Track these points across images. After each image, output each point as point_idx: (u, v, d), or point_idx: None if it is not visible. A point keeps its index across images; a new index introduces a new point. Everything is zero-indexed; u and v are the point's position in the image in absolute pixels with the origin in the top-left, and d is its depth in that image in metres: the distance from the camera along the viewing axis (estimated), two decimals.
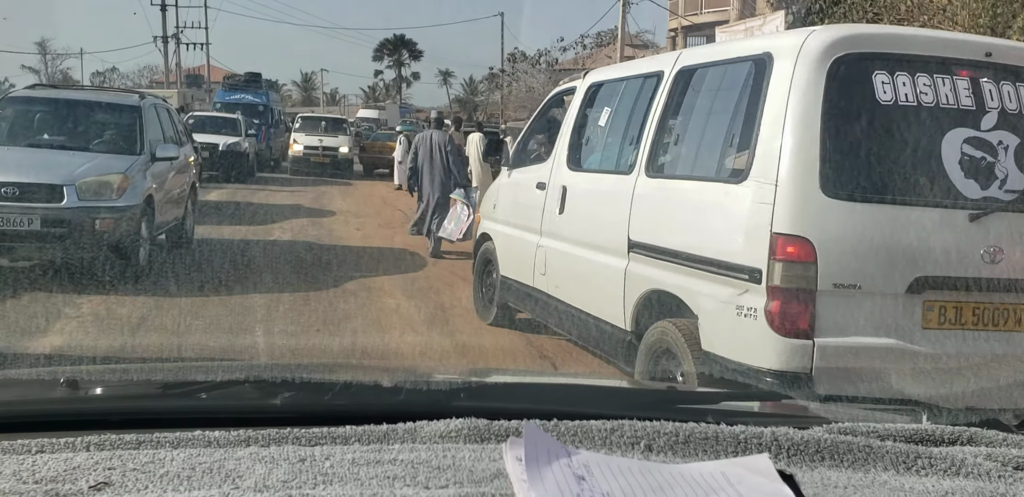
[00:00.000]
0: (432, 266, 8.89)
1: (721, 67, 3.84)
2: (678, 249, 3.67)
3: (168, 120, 8.96)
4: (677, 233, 3.75)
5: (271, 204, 14.16)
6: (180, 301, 6.17)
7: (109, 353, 4.79)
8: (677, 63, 4.12)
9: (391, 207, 16.11)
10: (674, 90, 4.05)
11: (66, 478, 0.79)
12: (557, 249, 4.94)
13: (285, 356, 4.96)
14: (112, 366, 1.55)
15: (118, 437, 0.89)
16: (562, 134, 5.24)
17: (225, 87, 26.87)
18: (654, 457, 0.88)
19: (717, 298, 3.35)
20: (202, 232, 9.76)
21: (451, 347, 5.39)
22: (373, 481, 0.79)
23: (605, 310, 4.27)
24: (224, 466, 0.82)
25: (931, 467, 0.87)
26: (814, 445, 0.90)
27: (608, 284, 4.22)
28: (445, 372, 2.13)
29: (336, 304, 6.32)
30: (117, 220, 6.66)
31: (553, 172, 5.14)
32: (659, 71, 4.23)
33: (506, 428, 0.93)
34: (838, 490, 0.81)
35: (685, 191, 3.79)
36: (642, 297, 3.91)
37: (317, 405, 1.09)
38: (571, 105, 5.33)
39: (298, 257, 8.72)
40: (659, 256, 3.84)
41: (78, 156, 7.15)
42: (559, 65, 35.79)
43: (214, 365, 2.03)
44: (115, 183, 6.78)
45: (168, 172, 8.07)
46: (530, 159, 6.02)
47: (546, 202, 5.13)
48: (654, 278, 3.85)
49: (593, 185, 4.74)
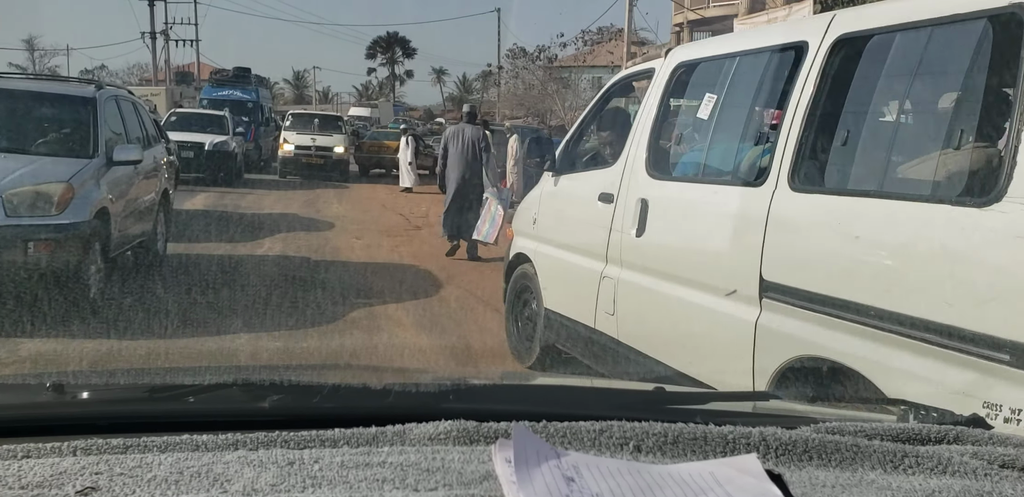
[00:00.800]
0: (448, 286, 9.40)
1: (920, 31, 3.24)
2: (863, 302, 3.07)
3: (133, 115, 9.04)
4: (858, 277, 3.15)
5: (260, 212, 15.38)
6: (138, 347, 6.07)
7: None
8: (831, 29, 3.63)
9: (392, 212, 17.52)
10: (831, 66, 3.55)
11: (52, 483, 0.96)
12: (634, 283, 4.64)
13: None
14: (99, 370, 1.82)
15: (105, 441, 1.09)
16: (637, 131, 4.97)
17: (212, 83, 30.72)
18: (643, 458, 1.11)
19: (943, 384, 2.78)
20: (179, 248, 10.18)
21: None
22: (362, 484, 0.99)
23: (718, 377, 3.83)
24: (212, 470, 1.01)
25: (918, 466, 1.10)
26: (802, 445, 1.13)
27: (726, 342, 3.82)
28: (434, 374, 2.39)
29: (339, 341, 6.38)
30: (57, 242, 6.42)
31: (625, 180, 4.88)
32: (799, 42, 3.78)
33: (495, 430, 1.16)
34: (826, 489, 1.02)
35: (868, 216, 3.17)
36: (785, 366, 3.41)
37: (305, 408, 1.33)
38: (649, 93, 5.05)
39: (292, 277, 9.05)
40: (821, 308, 3.29)
41: (11, 160, 6.97)
42: (559, 61, 37.88)
43: (202, 368, 2.30)
44: (55, 194, 6.57)
45: (131, 179, 8.10)
46: (586, 163, 5.82)
47: (615, 220, 4.87)
48: (809, 339, 3.34)
49: (693, 199, 4.33)
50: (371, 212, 17.37)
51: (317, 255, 10.97)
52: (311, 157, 25.31)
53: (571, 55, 39.53)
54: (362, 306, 7.84)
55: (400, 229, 14.55)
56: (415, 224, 15.63)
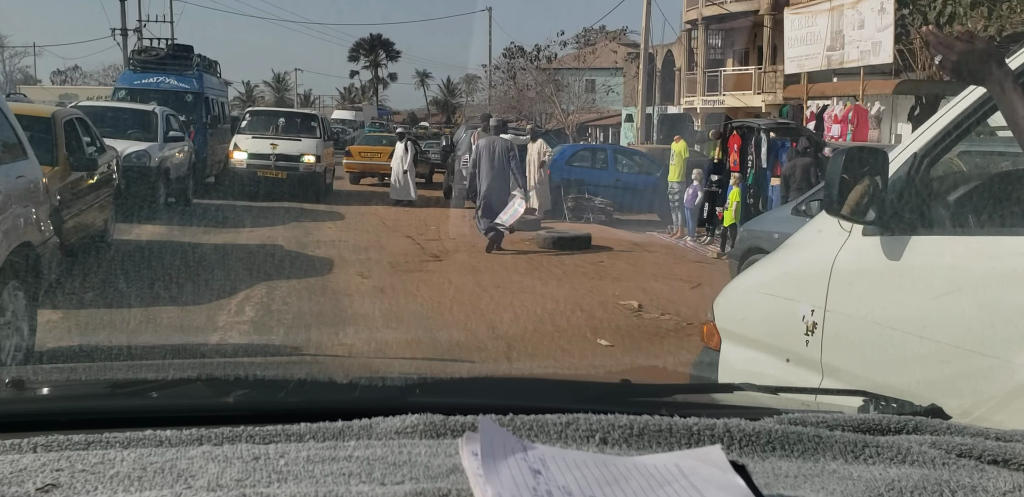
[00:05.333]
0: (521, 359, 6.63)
1: None
2: None
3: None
4: None
5: (209, 263, 10.73)
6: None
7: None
8: None
9: (397, 233, 14.76)
10: None
11: (12, 480, 0.96)
12: None
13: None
14: (59, 365, 1.80)
15: (66, 438, 1.09)
16: None
17: (134, 65, 21.75)
18: (609, 450, 1.13)
19: None
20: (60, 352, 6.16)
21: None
22: (328, 478, 0.99)
23: None
24: (176, 465, 1.01)
25: (878, 455, 1.13)
26: (765, 436, 1.16)
27: None
28: (400, 368, 2.41)
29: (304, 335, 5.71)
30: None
31: None
32: None
33: (462, 423, 1.17)
34: (788, 479, 1.05)
35: None
36: None
37: (271, 403, 1.33)
38: None
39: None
40: None
41: None
42: (559, 61, 37.81)
43: (165, 364, 2.30)
44: None
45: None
46: (968, 217, 3.05)
47: None
48: None
49: None
50: (371, 232, 14.71)
51: (311, 314, 7.87)
52: (269, 169, 18.85)
53: (571, 54, 39.39)
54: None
55: (414, 259, 12.01)
56: (431, 252, 12.95)
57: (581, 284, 10.71)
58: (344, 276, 10.23)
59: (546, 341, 7.16)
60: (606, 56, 38.70)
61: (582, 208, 18.72)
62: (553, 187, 18.72)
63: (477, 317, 7.99)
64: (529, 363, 6.52)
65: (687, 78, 34.90)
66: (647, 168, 20.56)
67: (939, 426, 1.28)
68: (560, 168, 19.66)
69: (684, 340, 7.42)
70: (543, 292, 9.87)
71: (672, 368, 6.21)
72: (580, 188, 19.44)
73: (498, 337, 7.19)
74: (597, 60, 38.80)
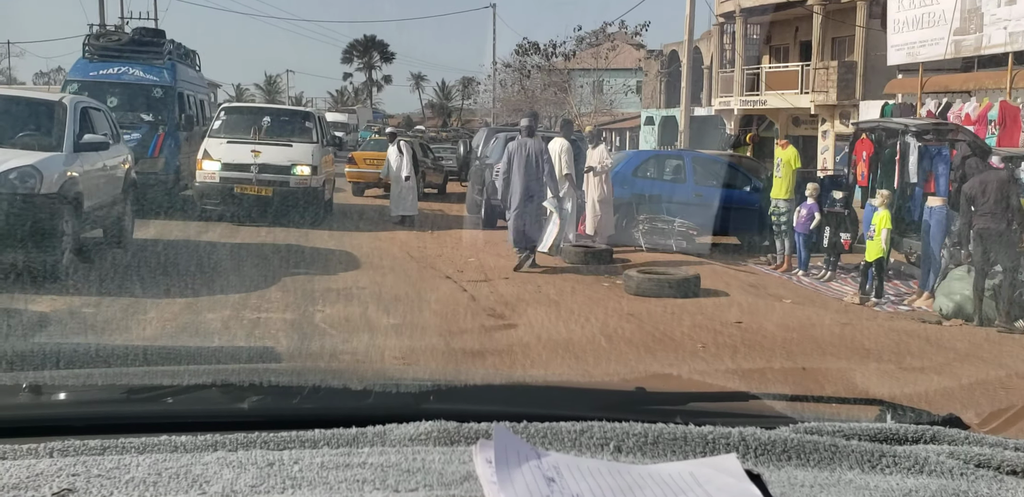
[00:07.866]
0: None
1: None
2: None
3: None
4: None
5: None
6: None
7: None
8: None
9: (430, 271, 10.93)
10: None
11: (29, 485, 0.97)
12: None
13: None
14: (76, 371, 1.80)
15: (82, 443, 1.11)
16: None
17: (90, 53, 16.75)
18: (623, 458, 1.13)
19: None
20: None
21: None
22: (342, 485, 1.00)
23: None
24: (191, 471, 1.02)
25: (895, 465, 1.12)
26: (781, 445, 1.16)
27: None
28: (414, 375, 2.41)
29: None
30: None
31: None
32: None
33: (476, 430, 1.17)
34: (804, 489, 1.05)
35: None
36: None
37: (285, 409, 1.34)
38: None
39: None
40: None
41: None
42: (576, 59, 36.70)
43: (180, 369, 2.32)
44: None
45: None
46: None
47: None
48: None
49: None
50: (401, 274, 10.58)
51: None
52: (249, 185, 14.21)
53: (587, 52, 38.25)
54: None
55: (472, 324, 7.90)
56: (488, 306, 8.89)
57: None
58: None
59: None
60: (623, 55, 37.66)
61: (659, 232, 14.48)
62: (618, 205, 14.70)
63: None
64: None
65: (722, 76, 31.02)
66: (735, 180, 15.66)
67: (957, 436, 1.27)
68: (626, 180, 15.12)
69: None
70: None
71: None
72: (654, 206, 14.97)
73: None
74: (615, 59, 37.61)
